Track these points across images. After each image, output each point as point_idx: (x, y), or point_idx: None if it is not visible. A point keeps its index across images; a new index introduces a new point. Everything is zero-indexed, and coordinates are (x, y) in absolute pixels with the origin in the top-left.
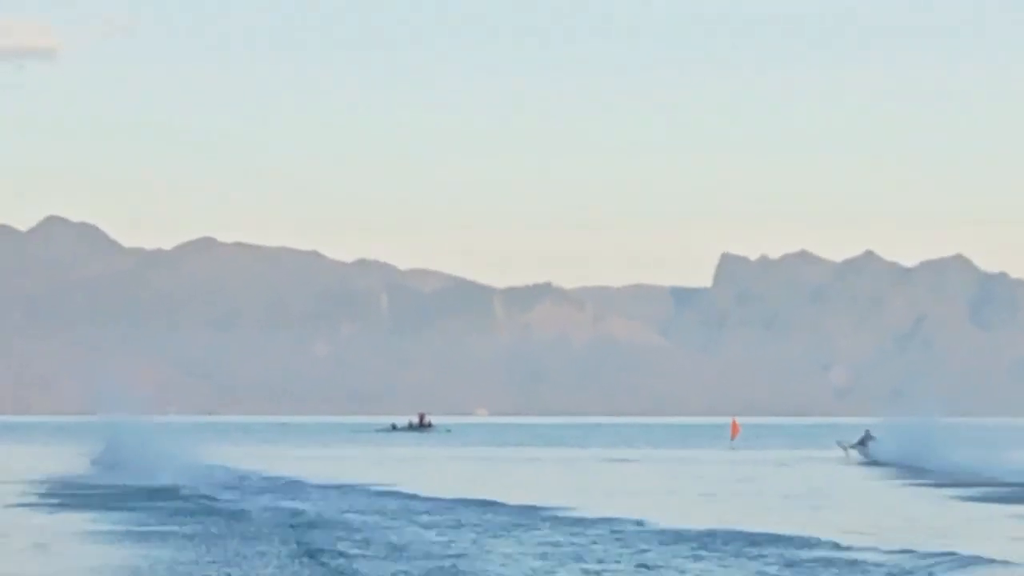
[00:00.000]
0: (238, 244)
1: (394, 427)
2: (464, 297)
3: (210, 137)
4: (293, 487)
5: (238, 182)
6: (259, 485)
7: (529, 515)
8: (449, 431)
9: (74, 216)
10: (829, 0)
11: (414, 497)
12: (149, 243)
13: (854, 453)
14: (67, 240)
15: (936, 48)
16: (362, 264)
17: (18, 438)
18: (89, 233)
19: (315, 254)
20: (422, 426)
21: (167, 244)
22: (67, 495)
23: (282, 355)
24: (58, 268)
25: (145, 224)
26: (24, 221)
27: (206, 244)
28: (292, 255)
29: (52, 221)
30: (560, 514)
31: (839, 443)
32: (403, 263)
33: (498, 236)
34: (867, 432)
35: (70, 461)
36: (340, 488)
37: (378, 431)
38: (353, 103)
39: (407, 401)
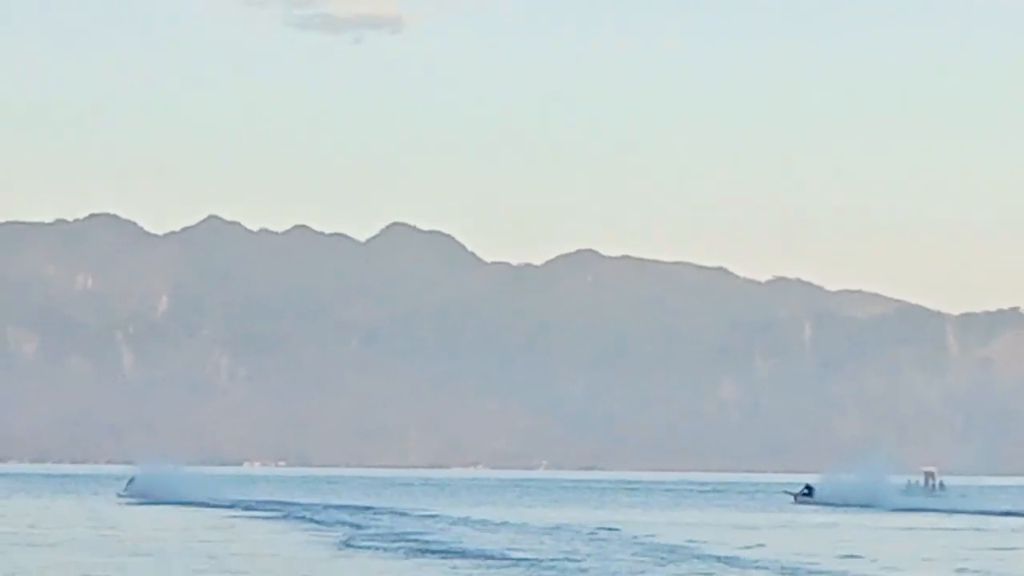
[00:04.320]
0: (625, 258)
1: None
2: (908, 325)
3: (583, 125)
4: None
5: (623, 184)
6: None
7: None
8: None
9: (423, 223)
10: None
11: None
12: (515, 257)
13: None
14: (415, 252)
15: None
16: (780, 284)
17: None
18: (441, 244)
19: (721, 271)
20: (928, 485)
21: (537, 258)
22: None
23: (679, 398)
24: (403, 286)
25: (509, 233)
26: (363, 229)
27: (586, 258)
28: (693, 272)
29: (396, 229)
30: None
31: (785, 491)
32: (831, 283)
33: (950, 251)
34: (807, 485)
35: None
36: None
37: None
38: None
39: (833, 454)
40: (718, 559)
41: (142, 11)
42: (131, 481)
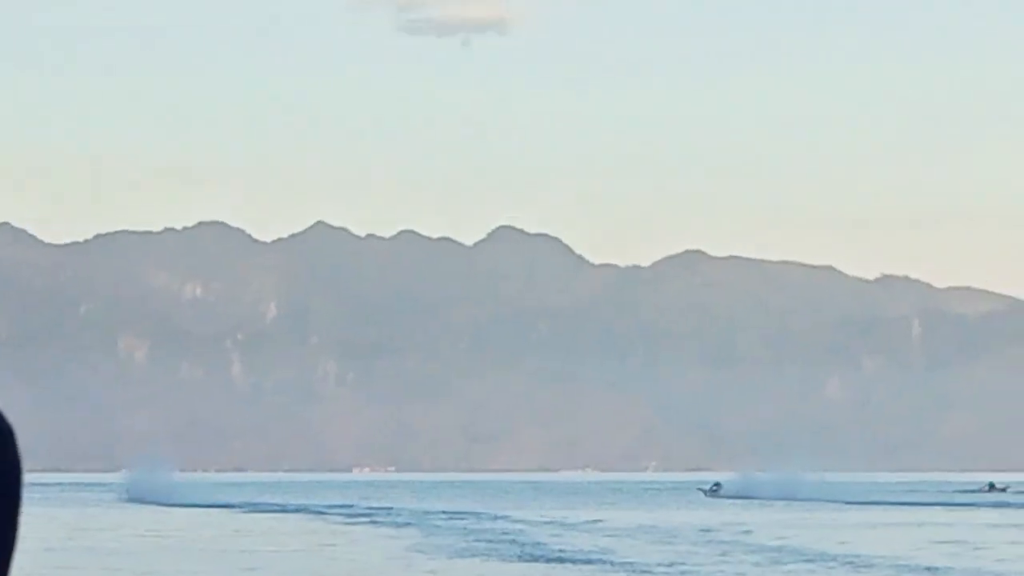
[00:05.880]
0: (732, 258)
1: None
2: (1019, 322)
3: (691, 125)
4: None
5: (730, 184)
6: None
7: None
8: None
9: (530, 226)
10: None
11: None
12: (623, 258)
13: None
14: (522, 255)
15: None
16: (887, 282)
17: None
18: (548, 246)
19: (829, 270)
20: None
21: (645, 259)
22: None
23: (787, 397)
24: (511, 289)
25: (617, 235)
26: (470, 233)
27: (693, 259)
28: (800, 271)
29: (503, 232)
30: None
31: (699, 488)
32: (940, 280)
33: None
34: (716, 482)
35: None
36: None
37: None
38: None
39: (945, 454)
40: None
41: (251, 18)
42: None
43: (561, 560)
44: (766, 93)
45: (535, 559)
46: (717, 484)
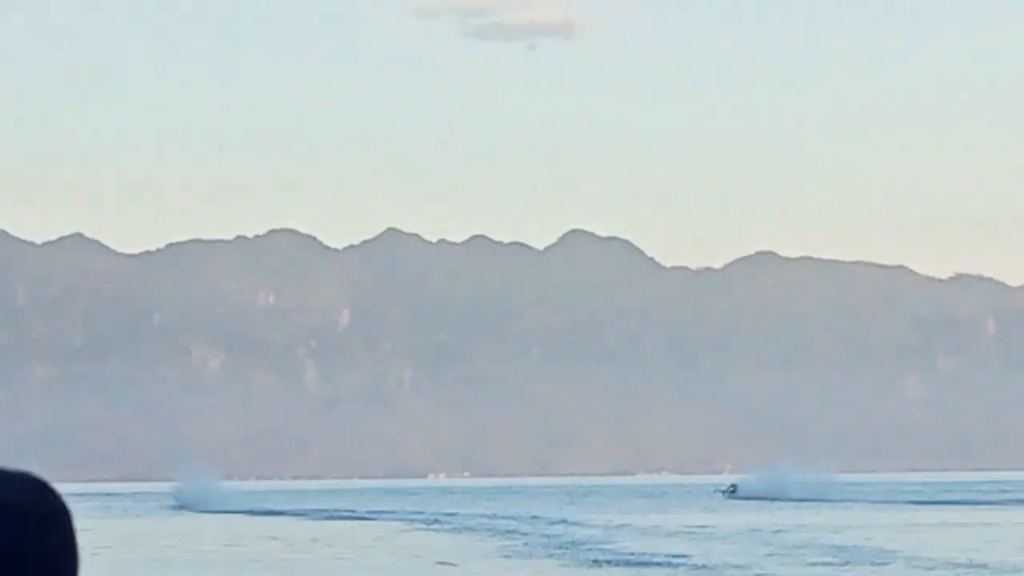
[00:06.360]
0: (805, 259)
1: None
2: None
3: (760, 127)
4: None
5: (801, 185)
6: None
7: None
8: None
9: (601, 229)
10: None
11: None
12: (694, 261)
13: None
14: (593, 259)
15: None
16: (961, 281)
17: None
18: (620, 250)
19: (902, 269)
20: None
21: (717, 261)
22: None
23: (862, 398)
24: (582, 294)
25: (688, 238)
26: (541, 237)
27: (765, 260)
28: (873, 271)
29: (574, 236)
30: None
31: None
32: (1014, 278)
33: None
34: (732, 484)
35: None
36: None
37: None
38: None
39: (1021, 451)
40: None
41: (320, 27)
42: None
43: (644, 564)
44: (837, 93)
45: (606, 564)
46: (734, 486)
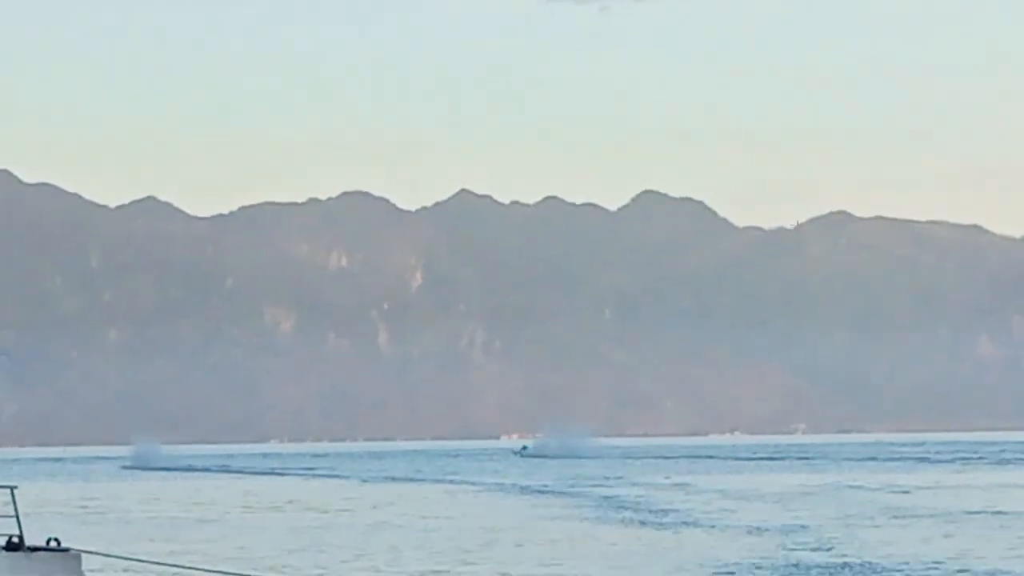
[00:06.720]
0: (878, 219)
1: (524, 448)
2: None
3: (833, 88)
4: None
5: (875, 145)
6: None
7: None
8: None
9: (674, 190)
10: None
11: None
12: (767, 221)
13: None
14: (666, 219)
15: None
16: None
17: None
18: (692, 210)
19: (976, 229)
20: None
21: (789, 221)
22: None
23: (937, 358)
24: (655, 255)
25: (761, 198)
26: (614, 198)
27: (839, 220)
28: (948, 231)
29: (647, 197)
30: None
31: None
32: None
33: None
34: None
35: None
36: None
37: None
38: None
39: None
40: None
41: None
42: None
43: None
44: (908, 54)
45: (660, 526)
46: (525, 447)
